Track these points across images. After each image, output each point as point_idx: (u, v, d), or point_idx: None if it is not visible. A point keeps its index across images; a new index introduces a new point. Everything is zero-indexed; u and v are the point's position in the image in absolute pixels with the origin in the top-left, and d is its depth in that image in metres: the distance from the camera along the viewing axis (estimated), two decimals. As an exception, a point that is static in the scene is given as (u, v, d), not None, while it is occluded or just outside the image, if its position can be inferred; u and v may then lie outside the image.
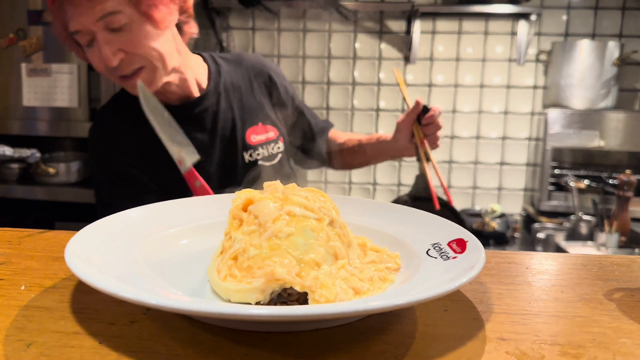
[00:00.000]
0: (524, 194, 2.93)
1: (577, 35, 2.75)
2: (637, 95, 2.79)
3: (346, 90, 2.87)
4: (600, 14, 2.72)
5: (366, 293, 0.46)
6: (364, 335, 0.44)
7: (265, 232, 0.47)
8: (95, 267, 0.46)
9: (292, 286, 0.44)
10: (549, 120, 2.60)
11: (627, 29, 2.73)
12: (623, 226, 2.31)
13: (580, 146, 2.59)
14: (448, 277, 0.45)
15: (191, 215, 0.62)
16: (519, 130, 2.87)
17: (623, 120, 2.54)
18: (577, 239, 2.45)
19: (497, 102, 2.85)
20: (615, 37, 2.73)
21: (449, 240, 0.54)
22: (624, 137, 2.55)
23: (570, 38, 2.74)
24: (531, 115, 2.85)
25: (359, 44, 2.83)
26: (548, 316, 0.49)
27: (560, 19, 2.75)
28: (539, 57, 2.78)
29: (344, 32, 2.84)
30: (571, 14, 2.74)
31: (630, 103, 2.79)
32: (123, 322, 0.45)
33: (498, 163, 2.90)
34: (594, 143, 2.56)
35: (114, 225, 0.56)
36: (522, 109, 2.85)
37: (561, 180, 2.65)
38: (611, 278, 0.59)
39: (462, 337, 0.44)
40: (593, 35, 2.74)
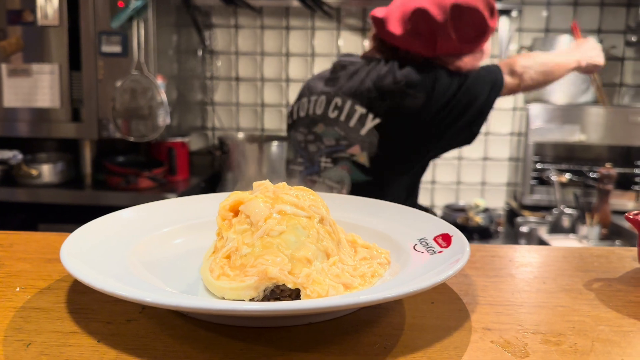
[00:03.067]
0: (507, 188, 2.97)
1: (557, 30, 2.79)
2: (616, 89, 2.85)
3: (330, 87, 2.88)
4: (580, 10, 2.76)
5: (357, 288, 0.47)
6: (354, 328, 0.45)
7: (257, 230, 0.48)
8: (91, 267, 0.47)
9: (284, 284, 0.45)
10: (531, 116, 2.63)
11: (606, 25, 2.78)
12: (604, 219, 2.36)
13: (561, 141, 2.64)
14: (434, 271, 0.47)
15: (184, 215, 0.63)
16: (501, 126, 2.91)
17: (603, 114, 2.59)
18: (559, 232, 2.50)
19: (479, 98, 2.88)
20: (594, 32, 2.77)
21: (435, 235, 0.56)
22: (604, 131, 2.60)
23: (550, 34, 2.78)
24: (513, 110, 2.89)
25: (342, 41, 2.85)
26: (531, 306, 0.51)
27: (541, 14, 2.79)
28: (520, 52, 2.82)
29: (327, 30, 2.85)
30: (551, 10, 2.78)
31: (609, 98, 2.85)
32: (120, 321, 0.46)
33: (481, 158, 2.93)
34: (575, 137, 2.60)
35: (107, 226, 0.56)
36: (504, 104, 2.89)
37: (543, 175, 2.70)
38: (590, 269, 0.61)
39: (449, 328, 0.46)
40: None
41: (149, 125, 2.21)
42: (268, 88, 2.90)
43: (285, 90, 2.89)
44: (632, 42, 2.74)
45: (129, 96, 2.14)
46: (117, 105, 2.13)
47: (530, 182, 2.74)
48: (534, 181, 2.73)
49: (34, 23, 2.14)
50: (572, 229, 2.50)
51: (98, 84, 2.14)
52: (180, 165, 2.54)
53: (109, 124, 2.16)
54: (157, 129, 2.20)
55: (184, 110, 2.59)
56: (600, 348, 0.43)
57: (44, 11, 2.13)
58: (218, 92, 2.91)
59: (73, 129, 2.20)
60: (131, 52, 2.13)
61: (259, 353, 0.41)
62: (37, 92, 2.21)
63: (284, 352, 0.41)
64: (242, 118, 2.94)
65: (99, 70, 2.13)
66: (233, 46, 2.88)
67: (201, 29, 2.80)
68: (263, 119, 2.93)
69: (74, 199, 2.22)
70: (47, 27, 2.14)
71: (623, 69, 2.82)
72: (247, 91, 2.91)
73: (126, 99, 2.14)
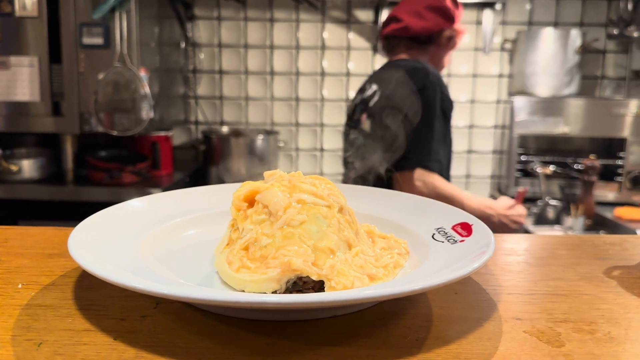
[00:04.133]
0: (491, 180, 2.99)
1: (540, 23, 2.81)
2: (598, 82, 2.88)
3: (315, 80, 2.86)
4: (562, 3, 2.78)
5: (381, 279, 0.46)
6: (382, 320, 0.44)
7: (276, 221, 0.46)
8: (102, 260, 0.45)
9: (308, 275, 0.44)
10: (515, 108, 2.65)
11: (588, 18, 2.80)
12: (588, 210, 2.38)
13: (545, 133, 2.66)
14: (462, 260, 0.45)
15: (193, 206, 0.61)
16: (485, 119, 2.92)
17: (586, 106, 2.61)
18: (544, 223, 2.52)
19: (463, 91, 2.89)
20: (576, 25, 2.80)
21: (454, 224, 0.55)
22: (587, 123, 2.63)
23: (534, 27, 2.80)
24: (497, 103, 2.91)
25: (327, 33, 2.82)
26: (556, 295, 0.49)
27: (524, 8, 2.80)
28: (504, 45, 2.83)
29: (312, 22, 2.82)
30: (535, 3, 2.79)
31: (592, 90, 2.88)
32: (134, 317, 0.44)
33: (466, 151, 2.94)
34: (559, 129, 2.62)
35: (116, 216, 0.54)
36: (488, 97, 2.90)
37: (527, 167, 2.72)
38: (606, 257, 0.60)
39: (478, 319, 0.44)
40: (555, 23, 2.80)
41: (132, 118, 2.16)
42: (252, 81, 2.87)
43: (270, 83, 2.86)
44: (614, 35, 2.77)
45: (111, 89, 2.09)
46: (99, 99, 2.07)
47: (515, 174, 2.76)
48: (519, 173, 2.75)
49: (11, 14, 2.08)
50: (557, 220, 2.53)
51: (79, 77, 2.08)
52: (164, 159, 2.49)
53: (91, 117, 2.10)
54: (141, 123, 2.16)
55: (167, 104, 2.54)
56: (635, 336, 0.42)
57: (22, 2, 2.06)
58: (201, 85, 2.87)
59: (53, 123, 2.14)
60: (113, 44, 2.08)
61: (287, 348, 0.39)
62: (16, 85, 2.15)
63: (312, 347, 0.40)
64: (226, 112, 2.90)
65: (80, 63, 2.08)
66: (216, 38, 2.84)
67: (183, 20, 2.75)
68: (248, 113, 2.89)
69: (55, 195, 2.16)
70: (26, 19, 2.08)
71: (604, 61, 2.86)
72: (231, 84, 2.87)
73: (109, 92, 2.09)
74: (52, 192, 2.16)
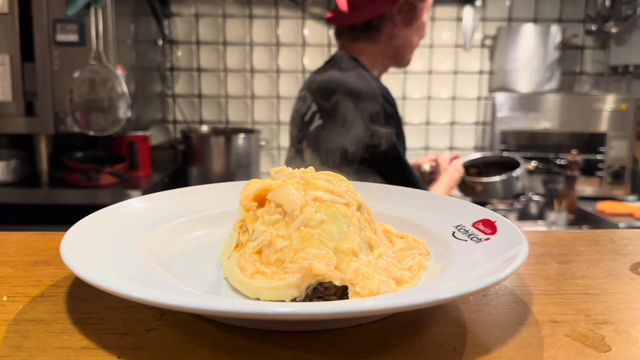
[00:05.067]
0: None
1: (520, 20, 2.81)
2: (577, 78, 2.90)
3: (296, 78, 2.82)
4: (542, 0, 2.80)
5: (408, 283, 0.42)
6: (412, 327, 0.40)
7: (292, 221, 0.42)
8: (98, 266, 0.40)
9: (331, 281, 0.40)
10: (497, 104, 2.65)
11: (566, 14, 2.82)
12: (571, 204, 2.40)
13: (527, 128, 2.66)
14: (493, 261, 0.42)
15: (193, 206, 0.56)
16: (466, 115, 2.91)
17: (566, 102, 2.63)
18: (528, 218, 2.52)
19: (445, 88, 2.88)
20: (555, 21, 2.81)
21: (474, 221, 0.51)
22: (567, 118, 2.64)
23: (514, 23, 2.80)
24: (478, 100, 2.90)
25: (308, 30, 2.78)
26: (588, 295, 0.47)
27: (504, 4, 2.80)
28: (484, 42, 2.83)
29: (292, 19, 2.78)
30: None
31: (571, 85, 2.90)
32: (138, 331, 0.39)
33: (448, 148, 2.93)
34: (540, 125, 2.63)
35: (112, 218, 0.49)
36: (470, 94, 2.89)
37: (509, 163, 2.72)
38: (627, 252, 0.58)
39: (514, 323, 0.41)
40: (535, 19, 2.81)
41: (109, 118, 2.09)
42: (232, 79, 2.81)
43: (249, 81, 2.81)
44: (592, 31, 2.79)
45: (87, 87, 2.01)
46: (75, 98, 2.00)
47: (497, 170, 2.76)
48: (501, 169, 2.75)
49: (-20, 10, 1.98)
50: (540, 215, 2.54)
51: (53, 75, 2.00)
52: (143, 160, 2.42)
53: (66, 117, 2.02)
54: (118, 122, 2.09)
55: (144, 103, 2.47)
56: (682, 338, 0.39)
57: (-9, -3, 1.97)
58: (179, 84, 2.80)
59: (26, 123, 2.06)
60: (89, 41, 2.00)
61: (313, 362, 0.35)
62: (-14, 84, 2.05)
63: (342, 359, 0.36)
64: (205, 110, 2.84)
65: (54, 61, 2.00)
66: (194, 35, 2.77)
67: (160, 17, 2.68)
68: (227, 111, 2.83)
69: (30, 198, 2.07)
70: (-5, 14, 1.99)
71: (583, 57, 2.88)
72: (210, 82, 2.81)
73: (85, 91, 2.01)
74: (26, 195, 2.07)
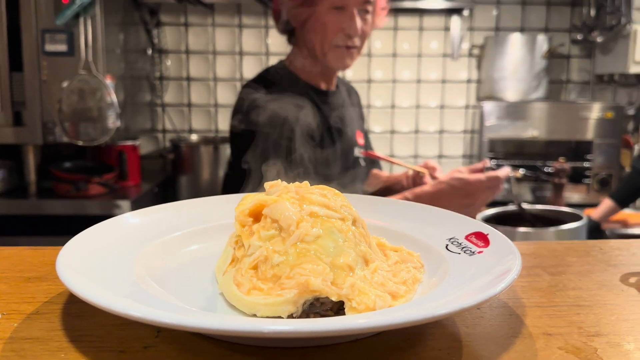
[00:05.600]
0: (463, 185, 3.00)
1: (507, 29, 2.84)
2: (563, 86, 2.93)
3: (285, 87, 2.82)
4: (528, 9, 2.83)
5: (403, 297, 0.42)
6: (408, 342, 0.40)
7: (288, 236, 0.42)
8: (94, 283, 0.40)
9: (327, 296, 0.40)
10: (485, 113, 2.67)
11: (553, 23, 2.86)
12: (559, 211, 2.41)
13: (515, 137, 2.69)
14: (486, 274, 0.43)
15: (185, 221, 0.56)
16: (455, 124, 2.94)
17: (553, 110, 2.66)
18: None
19: (433, 97, 2.91)
20: (542, 31, 2.85)
21: (467, 234, 0.52)
22: (554, 126, 2.67)
23: (501, 32, 2.84)
24: (466, 108, 2.93)
25: (297, 40, 2.79)
26: (580, 307, 0.47)
27: (491, 13, 2.84)
28: (472, 51, 2.86)
29: (281, 28, 2.79)
30: (501, 9, 2.83)
31: (558, 94, 2.93)
32: (135, 348, 0.39)
33: (436, 156, 2.95)
34: (528, 133, 2.66)
35: (107, 233, 0.49)
36: (458, 102, 2.92)
37: (498, 170, 2.74)
38: (618, 263, 0.59)
39: (508, 336, 0.42)
40: (522, 29, 2.85)
41: (98, 127, 2.08)
42: (221, 88, 2.81)
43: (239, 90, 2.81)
44: (578, 40, 2.83)
45: (76, 97, 2.01)
46: (64, 108, 1.99)
47: (486, 178, 2.78)
48: (489, 177, 2.77)
49: (-33, 19, 1.97)
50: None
51: (42, 85, 1.99)
52: (132, 170, 2.41)
53: (55, 127, 2.01)
54: (107, 132, 2.08)
55: (133, 112, 2.46)
56: (673, 349, 0.40)
57: (-22, 7, 1.96)
58: (168, 93, 2.80)
59: (14, 133, 2.04)
60: (78, 50, 2.00)
61: (311, 378, 0.36)
62: (-27, 94, 2.04)
63: (339, 375, 0.36)
64: (194, 119, 2.83)
65: (43, 71, 1.99)
66: (183, 45, 2.77)
67: (149, 27, 2.67)
68: (217, 120, 2.83)
69: (18, 209, 2.06)
70: (-17, 24, 1.98)
71: (569, 66, 2.91)
72: (199, 91, 2.81)
73: (74, 101, 2.00)
74: (14, 206, 2.06)
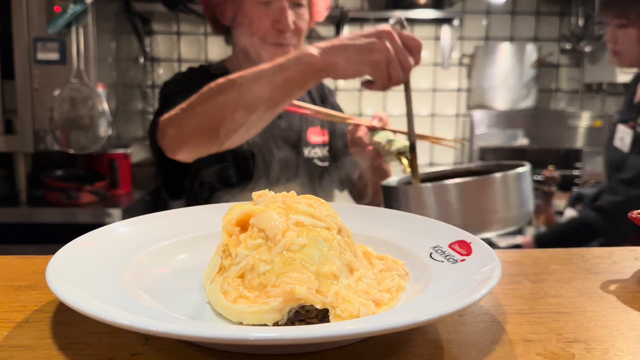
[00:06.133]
0: (454, 192, 3.02)
1: (496, 39, 2.88)
2: (553, 95, 2.97)
3: (277, 95, 2.84)
4: (517, 19, 2.87)
5: (386, 304, 0.43)
6: (391, 349, 0.41)
7: (274, 245, 0.43)
8: (83, 292, 0.41)
9: (312, 304, 0.41)
10: (475, 121, 2.70)
11: (542, 33, 2.89)
12: (549, 219, 2.44)
13: (505, 145, 2.71)
14: (468, 283, 0.44)
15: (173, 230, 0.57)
16: (445, 132, 2.96)
17: (542, 118, 2.69)
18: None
19: (424, 105, 2.93)
20: (531, 40, 2.88)
21: (450, 242, 0.53)
22: (544, 135, 2.70)
23: (491, 42, 2.87)
24: (456, 117, 2.96)
25: (289, 49, 2.81)
26: (560, 313, 0.48)
27: (481, 23, 2.87)
28: (462, 60, 2.89)
29: (273, 37, 2.80)
30: (491, 19, 2.87)
31: (547, 102, 2.96)
32: (123, 355, 0.40)
33: (427, 164, 2.97)
34: (518, 141, 2.68)
35: (96, 242, 0.50)
36: (448, 111, 2.95)
37: (488, 178, 2.76)
38: (599, 271, 0.60)
39: (488, 342, 0.43)
40: (511, 38, 2.88)
41: (89, 136, 2.08)
42: (213, 96, 2.82)
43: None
44: (566, 50, 2.87)
45: (68, 106, 2.01)
46: (55, 116, 1.99)
47: (476, 186, 2.80)
48: (480, 185, 2.79)
49: (-41, 28, 1.98)
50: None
51: (33, 93, 2.00)
52: (123, 178, 2.41)
53: (47, 135, 2.01)
54: (99, 140, 2.08)
55: (125, 120, 2.46)
56: (648, 354, 0.41)
57: (-30, 15, 1.97)
58: (161, 101, 2.80)
59: (5, 141, 2.05)
60: (70, 59, 2.00)
61: (296, 384, 0.37)
62: (-36, 102, 2.04)
63: (323, 381, 0.37)
64: (186, 128, 2.84)
65: (34, 79, 1.99)
66: (175, 53, 2.78)
67: (142, 35, 2.68)
68: (209, 129, 2.84)
69: (8, 217, 2.05)
70: (-25, 33, 1.98)
71: (558, 75, 2.95)
72: (192, 100, 2.82)
73: (65, 109, 2.01)
74: (4, 215, 2.05)
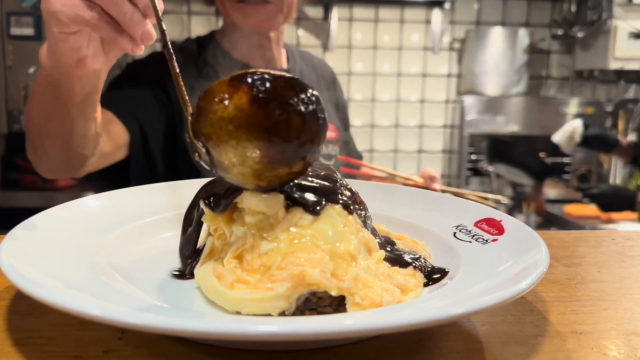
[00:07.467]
0: (442, 180, 2.97)
1: (488, 23, 2.81)
2: (543, 81, 2.92)
3: (263, 79, 2.75)
4: (509, 3, 2.81)
5: (413, 291, 0.37)
6: (420, 343, 0.34)
7: (279, 222, 0.36)
8: (45, 276, 0.33)
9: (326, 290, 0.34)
10: (465, 107, 2.64)
11: (534, 18, 2.84)
12: (539, 207, 2.40)
13: (495, 132, 2.66)
14: (509, 268, 0.37)
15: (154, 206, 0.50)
16: (435, 118, 2.90)
17: (533, 105, 2.64)
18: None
19: (414, 91, 2.86)
20: (523, 25, 2.83)
21: (476, 221, 0.46)
22: (534, 121, 2.65)
23: (482, 26, 2.81)
24: (446, 103, 2.89)
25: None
26: (606, 301, 0.42)
27: (472, 7, 2.80)
28: (452, 45, 2.82)
29: (259, 18, 2.71)
30: (482, 3, 2.80)
31: (538, 89, 2.92)
32: (93, 352, 0.33)
33: (416, 151, 2.91)
34: (508, 128, 2.63)
35: (62, 219, 0.42)
36: (438, 97, 2.88)
37: (478, 166, 2.72)
38: (635, 254, 0.54)
39: (533, 335, 0.36)
40: (503, 23, 2.82)
41: (66, 117, 1.98)
42: (197, 79, 2.72)
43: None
44: (558, 36, 2.82)
45: (43, 84, 1.90)
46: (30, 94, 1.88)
47: (466, 173, 2.75)
48: (469, 172, 2.74)
49: None
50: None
51: (7, 71, 1.89)
52: (103, 162, 2.31)
53: (21, 115, 1.91)
54: (77, 122, 1.98)
55: (105, 102, 2.36)
56: None
57: (-63, -14, 1.85)
58: (142, 83, 2.70)
59: (-24, 122, 1.93)
60: (45, 35, 1.89)
61: (309, 388, 0.30)
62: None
63: (343, 385, 0.30)
64: (169, 111, 2.74)
65: (8, 56, 1.88)
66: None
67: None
68: (192, 112, 2.74)
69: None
70: (-58, 5, 1.86)
71: (549, 61, 2.90)
72: (174, 82, 2.72)
73: (40, 88, 1.90)
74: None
